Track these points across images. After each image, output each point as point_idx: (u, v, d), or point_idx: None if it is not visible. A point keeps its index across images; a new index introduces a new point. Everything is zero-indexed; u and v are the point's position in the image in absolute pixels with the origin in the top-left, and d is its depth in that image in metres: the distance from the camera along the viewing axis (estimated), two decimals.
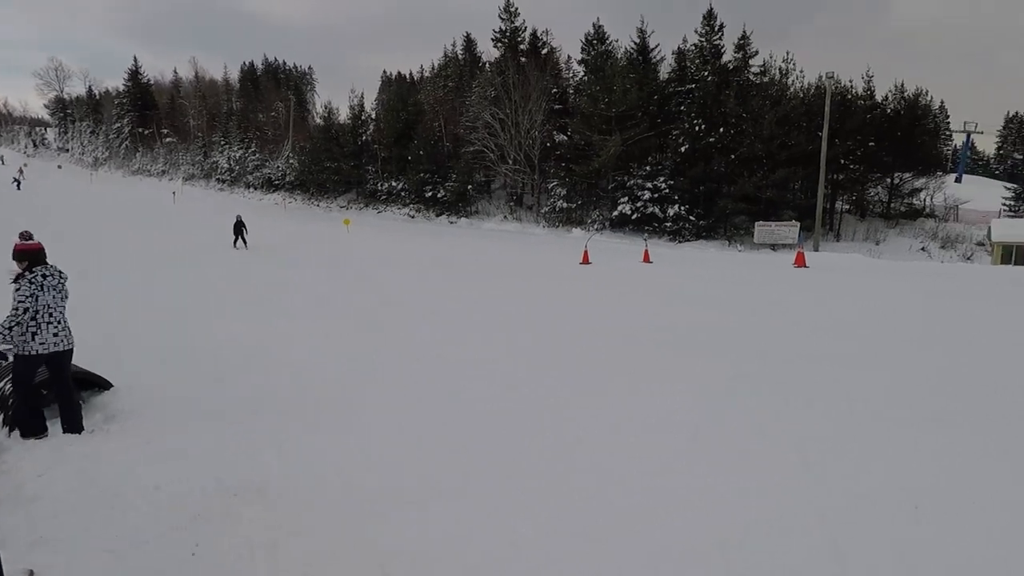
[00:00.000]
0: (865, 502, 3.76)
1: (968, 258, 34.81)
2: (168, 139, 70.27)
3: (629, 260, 21.80)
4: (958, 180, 55.66)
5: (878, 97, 44.38)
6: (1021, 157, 64.61)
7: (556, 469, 4.38)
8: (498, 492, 4.06)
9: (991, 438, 4.76)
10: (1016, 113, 69.04)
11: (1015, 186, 50.78)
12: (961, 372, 6.72)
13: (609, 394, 6.20)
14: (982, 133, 67.30)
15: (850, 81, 43.12)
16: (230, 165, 60.61)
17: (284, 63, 78.63)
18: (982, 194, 51.30)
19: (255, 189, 57.87)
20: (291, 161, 55.26)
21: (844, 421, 5.16)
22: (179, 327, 9.06)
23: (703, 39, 39.99)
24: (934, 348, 7.92)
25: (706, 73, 38.71)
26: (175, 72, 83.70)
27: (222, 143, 62.58)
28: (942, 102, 66.39)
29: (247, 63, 76.31)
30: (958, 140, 64.95)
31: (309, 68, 78.79)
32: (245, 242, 21.52)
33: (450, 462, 4.51)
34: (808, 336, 8.67)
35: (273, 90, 66.53)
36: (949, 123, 64.77)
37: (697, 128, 36.12)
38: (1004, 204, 48.59)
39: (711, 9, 39.31)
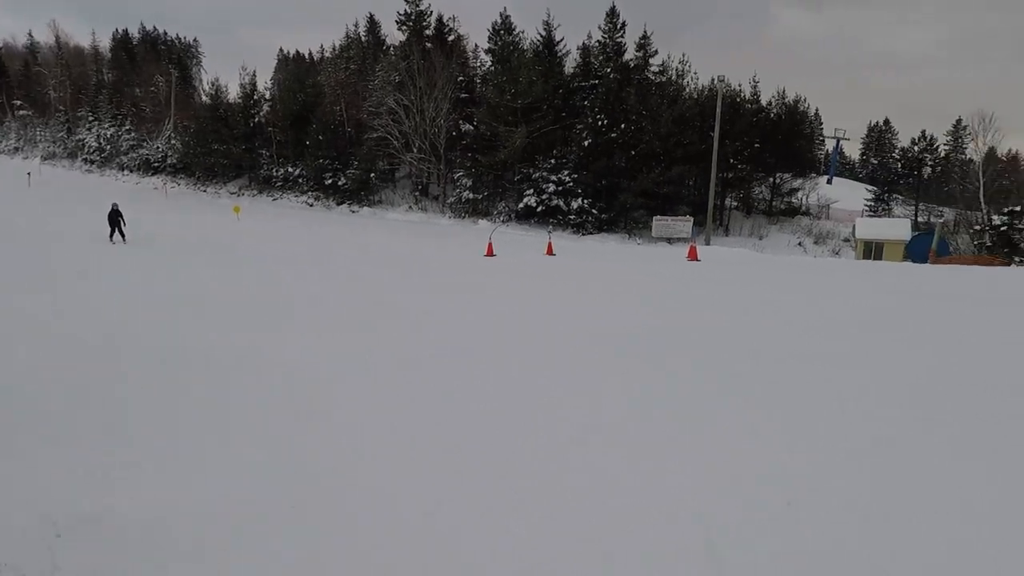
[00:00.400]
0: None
1: (836, 253, 38.44)
2: (22, 111, 61.99)
3: (533, 252, 21.82)
4: (829, 182, 61.33)
5: (763, 102, 47.87)
6: (877, 162, 72.40)
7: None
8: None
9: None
10: (877, 123, 77.20)
11: (875, 188, 56.90)
12: (822, 351, 7.07)
13: (498, 383, 5.89)
14: (849, 140, 75.08)
15: (739, 85, 46.15)
16: (100, 144, 54.45)
17: (165, 33, 71.77)
18: (849, 195, 56.92)
19: (131, 171, 52.40)
20: (173, 142, 50.55)
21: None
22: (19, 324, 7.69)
23: (606, 36, 40.96)
24: (805, 332, 8.37)
25: (608, 70, 39.71)
26: (30, 35, 73.72)
27: (90, 119, 56.04)
28: (817, 109, 72.99)
29: (120, 31, 68.90)
30: (830, 145, 71.66)
31: (195, 40, 72.35)
32: (123, 235, 19.17)
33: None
34: (704, 328, 8.88)
35: (152, 62, 60.41)
36: (823, 129, 71.36)
37: (600, 123, 36.96)
38: (866, 204, 54.23)
39: (613, 7, 40.34)
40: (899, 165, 60.51)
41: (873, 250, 33.16)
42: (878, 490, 3.88)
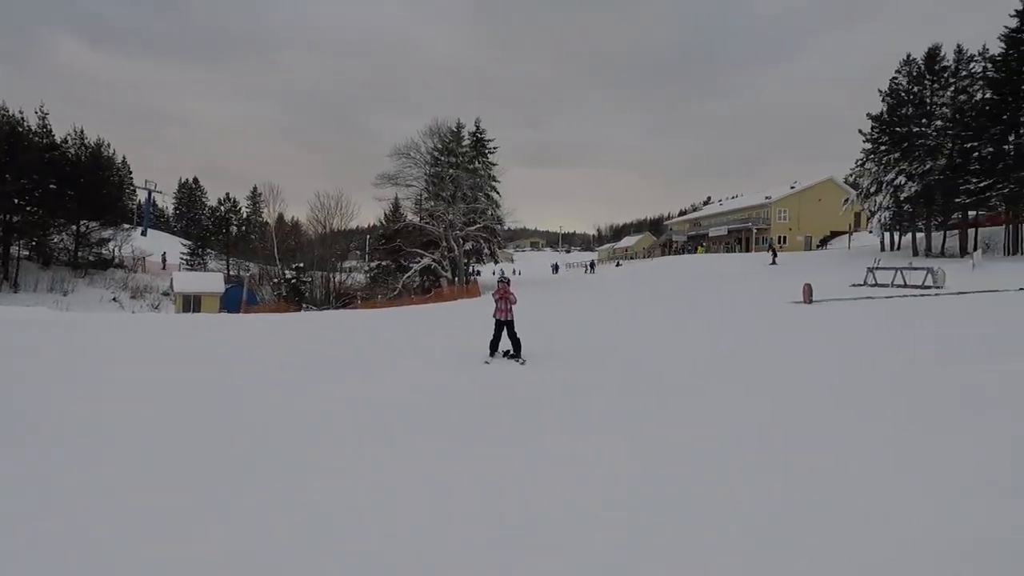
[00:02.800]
0: None
1: (156, 307, 37.56)
2: None
3: None
4: (144, 233, 59.62)
5: (58, 138, 41.68)
6: (190, 217, 76.12)
7: None
8: None
9: None
10: (187, 180, 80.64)
11: (190, 242, 59.30)
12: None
13: None
14: (162, 193, 75.48)
15: (20, 112, 38.45)
16: None
17: None
18: (167, 248, 56.93)
19: None
20: None
21: None
22: None
23: None
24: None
25: None
26: None
27: None
28: (124, 157, 69.54)
29: None
30: (142, 196, 69.77)
31: None
32: None
33: None
34: None
35: None
36: (133, 178, 68.77)
37: None
38: (183, 258, 55.69)
39: None
40: (210, 222, 65.35)
41: (192, 303, 34.25)
42: None
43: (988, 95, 27.98)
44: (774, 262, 32.39)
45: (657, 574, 2.44)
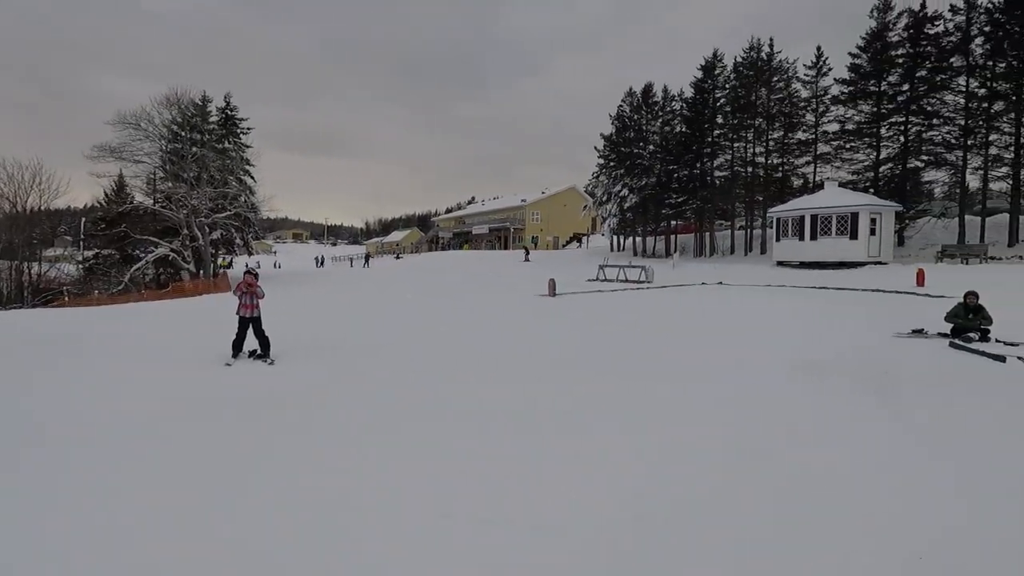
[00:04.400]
0: None
1: None
2: None
3: None
4: None
5: None
6: None
7: None
8: None
9: None
10: None
11: None
12: None
13: None
14: None
15: None
16: None
17: None
18: None
19: None
20: None
21: None
22: None
23: None
24: None
25: None
26: None
27: None
28: None
29: None
30: None
31: None
32: None
33: None
34: None
35: None
36: None
37: None
38: None
39: None
40: None
41: None
42: None
43: (683, 129, 34.90)
44: (527, 259, 35.74)
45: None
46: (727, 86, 32.59)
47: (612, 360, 7.24)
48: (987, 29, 23.14)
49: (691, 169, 33.86)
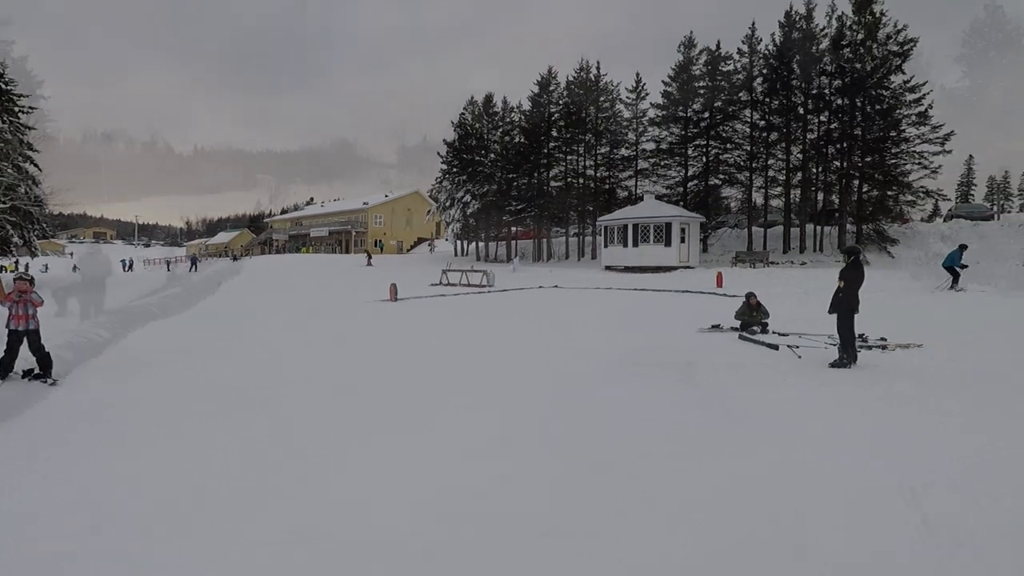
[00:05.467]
0: None
1: None
2: None
3: None
4: None
5: None
6: None
7: None
8: None
9: None
10: None
11: None
12: None
13: None
14: None
15: None
16: None
17: None
18: None
19: None
20: None
21: None
22: None
23: None
24: None
25: None
26: None
27: None
28: None
29: None
30: None
31: None
32: None
33: None
34: None
35: None
36: None
37: None
38: None
39: None
40: None
41: None
42: None
43: (522, 139, 36.51)
44: (369, 263, 34.69)
45: None
46: (560, 102, 34.82)
47: (438, 364, 7.31)
48: (764, 71, 27.64)
49: (530, 178, 35.53)
